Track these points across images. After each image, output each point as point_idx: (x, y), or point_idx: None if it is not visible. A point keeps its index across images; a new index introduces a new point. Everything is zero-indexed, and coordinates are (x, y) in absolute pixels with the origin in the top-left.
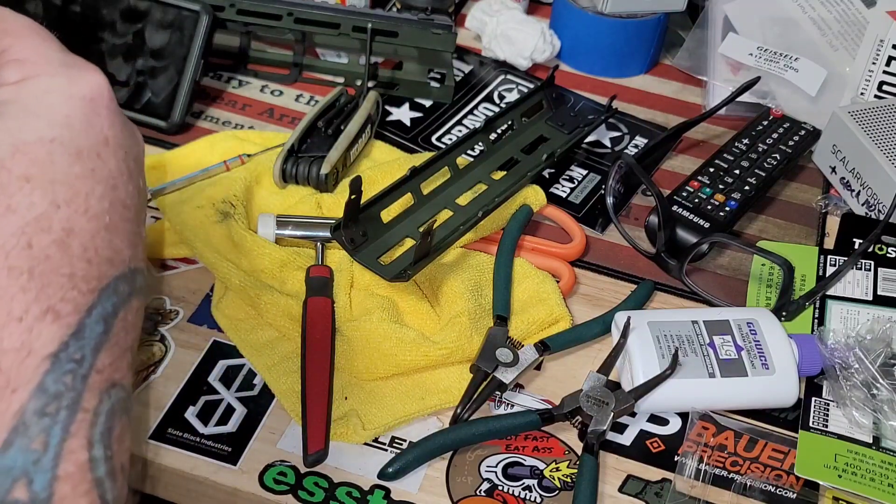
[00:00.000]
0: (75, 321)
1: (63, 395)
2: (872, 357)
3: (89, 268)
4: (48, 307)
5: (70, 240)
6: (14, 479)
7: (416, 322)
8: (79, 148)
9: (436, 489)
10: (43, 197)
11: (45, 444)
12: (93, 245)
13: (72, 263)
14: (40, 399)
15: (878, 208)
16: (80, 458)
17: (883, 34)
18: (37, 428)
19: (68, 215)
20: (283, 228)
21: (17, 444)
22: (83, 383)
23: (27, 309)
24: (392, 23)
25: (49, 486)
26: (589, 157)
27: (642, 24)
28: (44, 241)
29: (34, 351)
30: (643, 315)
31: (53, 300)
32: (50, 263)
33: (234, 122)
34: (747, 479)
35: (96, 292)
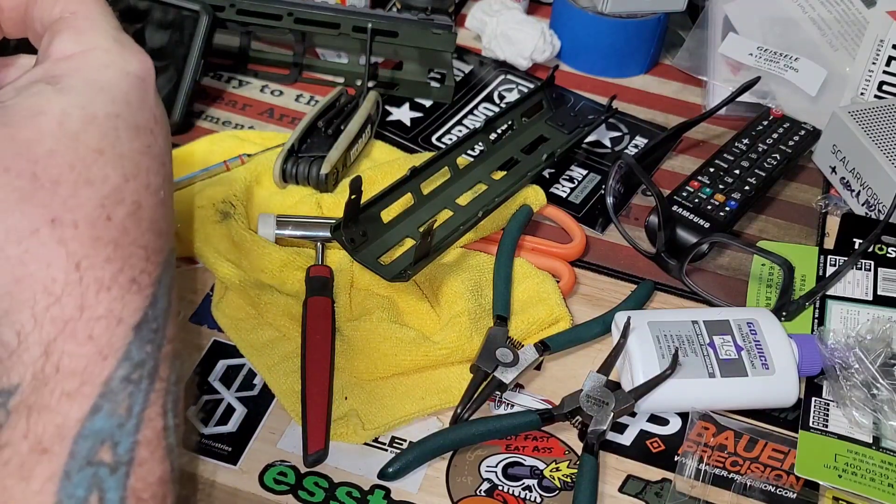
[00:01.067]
0: (151, 292)
1: (145, 363)
2: (872, 357)
3: (157, 240)
4: (132, 278)
5: (140, 213)
6: (101, 441)
7: (416, 322)
8: (137, 124)
9: (436, 489)
10: (115, 170)
11: (130, 409)
12: (155, 217)
13: (144, 236)
14: (126, 367)
15: (878, 208)
16: (157, 425)
17: (883, 34)
18: (123, 394)
19: (136, 189)
20: (283, 228)
21: (105, 409)
22: (159, 352)
23: (115, 278)
24: (392, 23)
25: (131, 449)
26: (589, 157)
27: (642, 24)
28: (120, 214)
29: (123, 320)
30: (643, 315)
31: (135, 271)
32: (128, 236)
33: (234, 122)
34: (747, 479)
35: (162, 264)
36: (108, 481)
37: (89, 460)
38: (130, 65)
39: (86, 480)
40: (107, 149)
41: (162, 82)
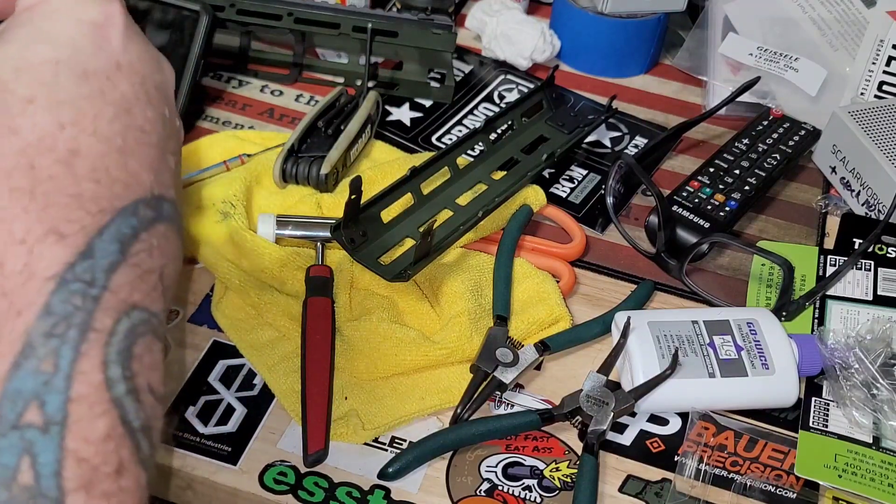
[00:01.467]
0: (83, 241)
1: (72, 315)
2: (872, 357)
3: (98, 188)
4: (51, 227)
5: (75, 160)
6: (25, 401)
7: (416, 322)
8: (85, 70)
9: (436, 489)
10: (46, 117)
11: (55, 365)
12: (102, 165)
13: (78, 184)
14: (47, 320)
15: (878, 208)
16: (93, 378)
17: (883, 34)
18: (45, 349)
19: (74, 135)
20: (283, 228)
21: (25, 367)
22: (94, 303)
23: (29, 229)
24: (392, 23)
25: (62, 407)
26: (589, 157)
27: (642, 24)
28: (46, 162)
29: (36, 273)
30: (643, 315)
31: (57, 221)
32: (53, 184)
33: (234, 122)
34: (747, 479)
35: (109, 213)
36: (39, 443)
37: (14, 424)
38: (85, 12)
39: (13, 446)
40: (40, 97)
41: None
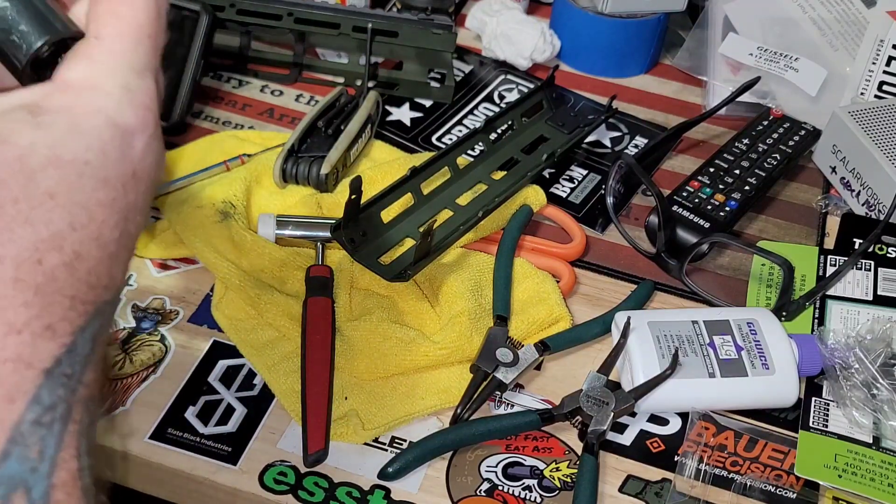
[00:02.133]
0: (69, 340)
1: (57, 406)
2: (872, 357)
3: (89, 292)
4: (48, 324)
5: (78, 263)
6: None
7: (416, 322)
8: (107, 176)
9: (436, 489)
10: (62, 217)
11: (41, 453)
12: (96, 272)
13: (75, 286)
14: (36, 410)
15: (878, 208)
16: (71, 466)
17: (883, 34)
18: (33, 437)
19: (81, 239)
20: (283, 228)
21: (15, 454)
22: (73, 396)
23: (28, 323)
24: (392, 23)
25: (46, 494)
26: (589, 157)
27: (642, 24)
28: (54, 261)
29: (31, 364)
30: (643, 315)
31: (54, 318)
32: (55, 284)
33: (234, 122)
34: (747, 479)
35: (91, 312)
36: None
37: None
38: (123, 116)
39: None
40: (61, 194)
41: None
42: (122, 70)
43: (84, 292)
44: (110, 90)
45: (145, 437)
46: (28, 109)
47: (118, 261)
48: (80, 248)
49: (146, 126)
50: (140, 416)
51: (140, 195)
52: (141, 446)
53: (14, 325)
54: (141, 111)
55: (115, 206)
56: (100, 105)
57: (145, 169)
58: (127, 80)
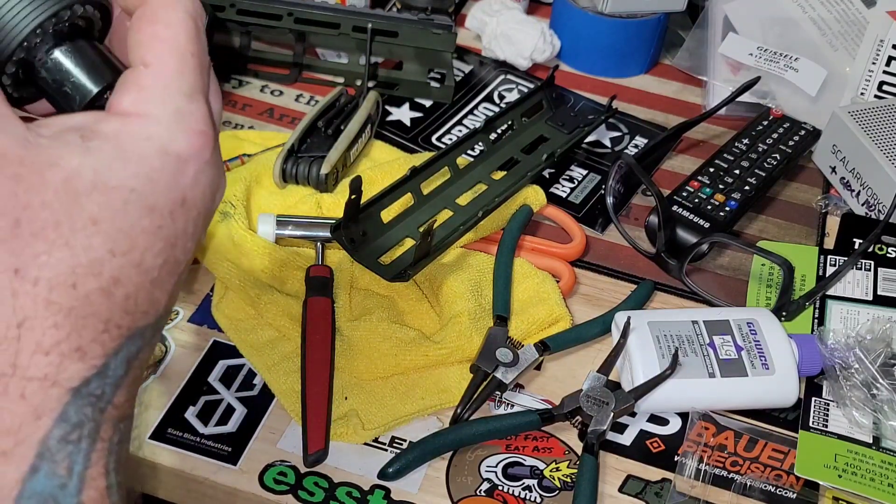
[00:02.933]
0: (101, 363)
1: (84, 424)
2: (872, 357)
3: (125, 317)
4: (78, 346)
5: (115, 289)
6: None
7: (416, 322)
8: (154, 204)
9: (436, 489)
10: (102, 242)
11: (70, 469)
12: (135, 297)
13: (110, 310)
14: (63, 427)
15: (878, 208)
16: (100, 484)
17: (883, 34)
18: (62, 454)
19: (121, 265)
20: (283, 228)
21: (44, 469)
22: (101, 415)
23: (56, 344)
24: (392, 23)
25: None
26: (589, 157)
27: (642, 24)
28: (90, 286)
29: (58, 383)
30: (643, 315)
31: (84, 341)
32: (89, 308)
33: (234, 122)
34: (747, 479)
35: (126, 336)
36: None
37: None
38: (175, 142)
39: None
40: (104, 220)
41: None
42: (172, 95)
43: (120, 317)
44: (160, 117)
45: (145, 437)
46: (80, 133)
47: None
48: (119, 274)
49: (200, 152)
50: (140, 416)
51: (190, 222)
52: (141, 446)
53: (42, 346)
54: (193, 137)
55: (161, 233)
56: (150, 132)
57: (197, 196)
58: (178, 105)
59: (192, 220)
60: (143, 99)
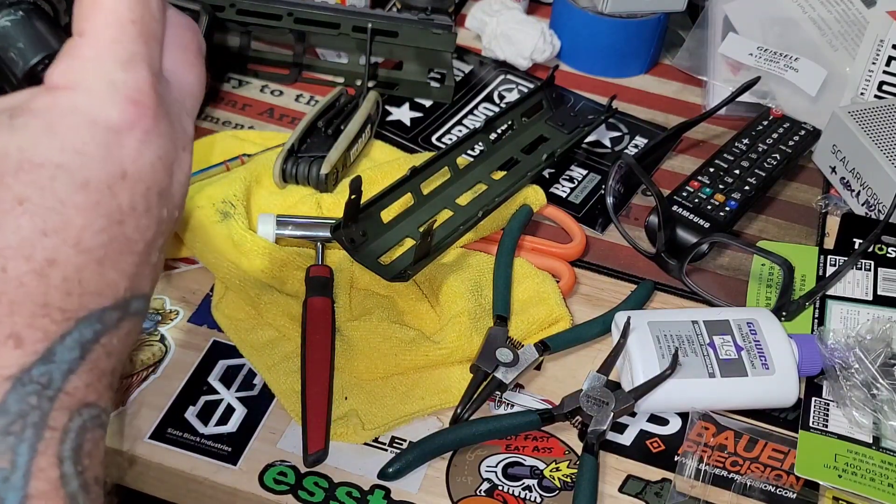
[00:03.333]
0: (42, 348)
1: (28, 414)
2: (872, 357)
3: (68, 298)
4: (11, 332)
5: (50, 270)
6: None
7: (416, 322)
8: (87, 179)
9: (436, 489)
10: (31, 222)
11: (13, 462)
12: (76, 277)
13: (47, 293)
14: (2, 419)
15: (878, 208)
16: (50, 475)
17: (883, 34)
18: (2, 446)
19: (55, 245)
20: (283, 228)
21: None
22: (50, 403)
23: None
24: (392, 23)
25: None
26: (589, 157)
27: (642, 24)
28: (21, 268)
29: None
30: (643, 315)
31: (18, 326)
32: (22, 291)
33: (234, 122)
34: (747, 479)
35: (73, 321)
36: None
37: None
38: (105, 113)
39: None
40: (31, 199)
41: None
42: (104, 64)
43: (61, 299)
44: (90, 87)
45: (145, 437)
46: (9, 113)
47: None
48: (55, 255)
49: (137, 122)
50: (140, 416)
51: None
52: (141, 446)
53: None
54: (128, 106)
55: (100, 209)
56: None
57: (143, 169)
58: (110, 74)
59: (141, 194)
60: (73, 69)
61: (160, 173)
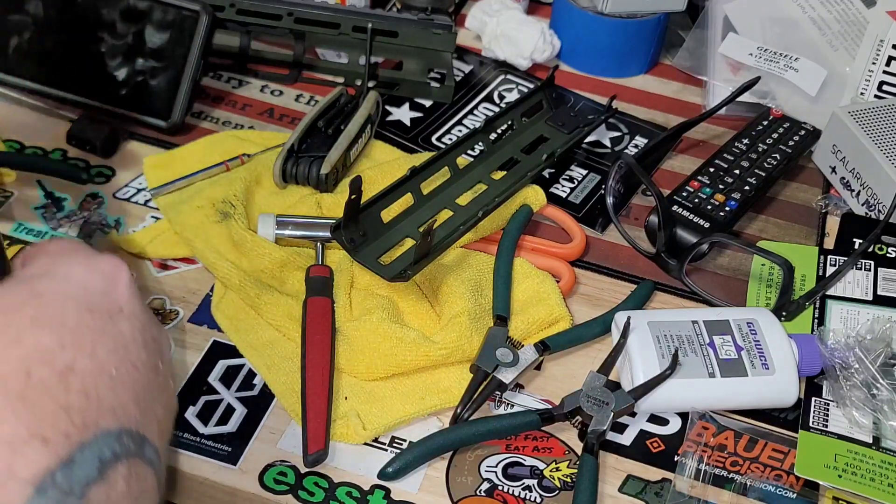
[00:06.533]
0: (65, 450)
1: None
2: (872, 357)
3: (86, 403)
4: (36, 431)
5: (70, 376)
6: None
7: (416, 322)
8: (91, 306)
9: (436, 489)
10: (50, 335)
11: None
12: (94, 385)
13: (68, 396)
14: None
15: (878, 208)
16: None
17: (883, 34)
18: None
19: (73, 355)
20: (283, 228)
21: None
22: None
23: (15, 432)
24: (392, 23)
25: None
26: (589, 157)
27: (642, 24)
28: (43, 372)
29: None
30: (643, 315)
31: (44, 426)
32: (45, 392)
33: (234, 122)
34: (747, 479)
35: (93, 430)
36: None
37: None
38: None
39: None
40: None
41: (162, 82)
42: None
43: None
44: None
45: None
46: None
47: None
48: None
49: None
50: None
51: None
52: None
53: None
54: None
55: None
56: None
57: (133, 310)
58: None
59: (138, 330)
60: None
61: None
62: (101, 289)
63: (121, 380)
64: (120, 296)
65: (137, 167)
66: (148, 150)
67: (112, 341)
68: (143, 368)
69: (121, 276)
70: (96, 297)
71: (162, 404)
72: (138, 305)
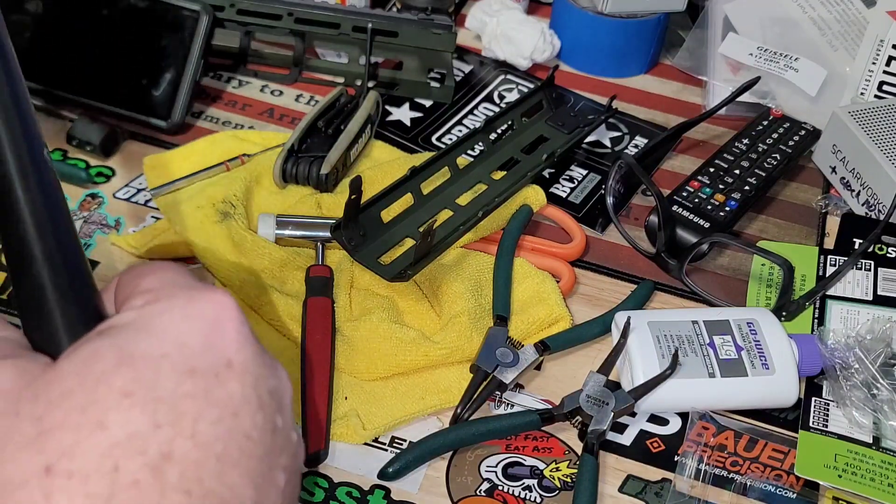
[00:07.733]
0: None
1: None
2: (872, 357)
3: (187, 500)
4: None
5: (166, 465)
6: None
7: (416, 322)
8: (192, 367)
9: (436, 489)
10: (141, 415)
11: None
12: (195, 475)
13: (163, 492)
14: None
15: (878, 208)
16: None
17: (883, 34)
18: None
19: (169, 437)
20: (283, 228)
21: None
22: None
23: None
24: (392, 23)
25: None
26: (589, 157)
27: (642, 24)
28: (133, 466)
29: None
30: (643, 315)
31: None
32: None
33: (234, 122)
34: (747, 479)
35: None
36: None
37: None
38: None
39: None
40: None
41: (162, 82)
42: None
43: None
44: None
45: None
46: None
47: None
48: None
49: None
50: None
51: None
52: None
53: None
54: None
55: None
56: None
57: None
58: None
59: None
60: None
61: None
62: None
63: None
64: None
65: (137, 167)
66: (148, 150)
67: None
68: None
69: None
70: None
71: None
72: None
